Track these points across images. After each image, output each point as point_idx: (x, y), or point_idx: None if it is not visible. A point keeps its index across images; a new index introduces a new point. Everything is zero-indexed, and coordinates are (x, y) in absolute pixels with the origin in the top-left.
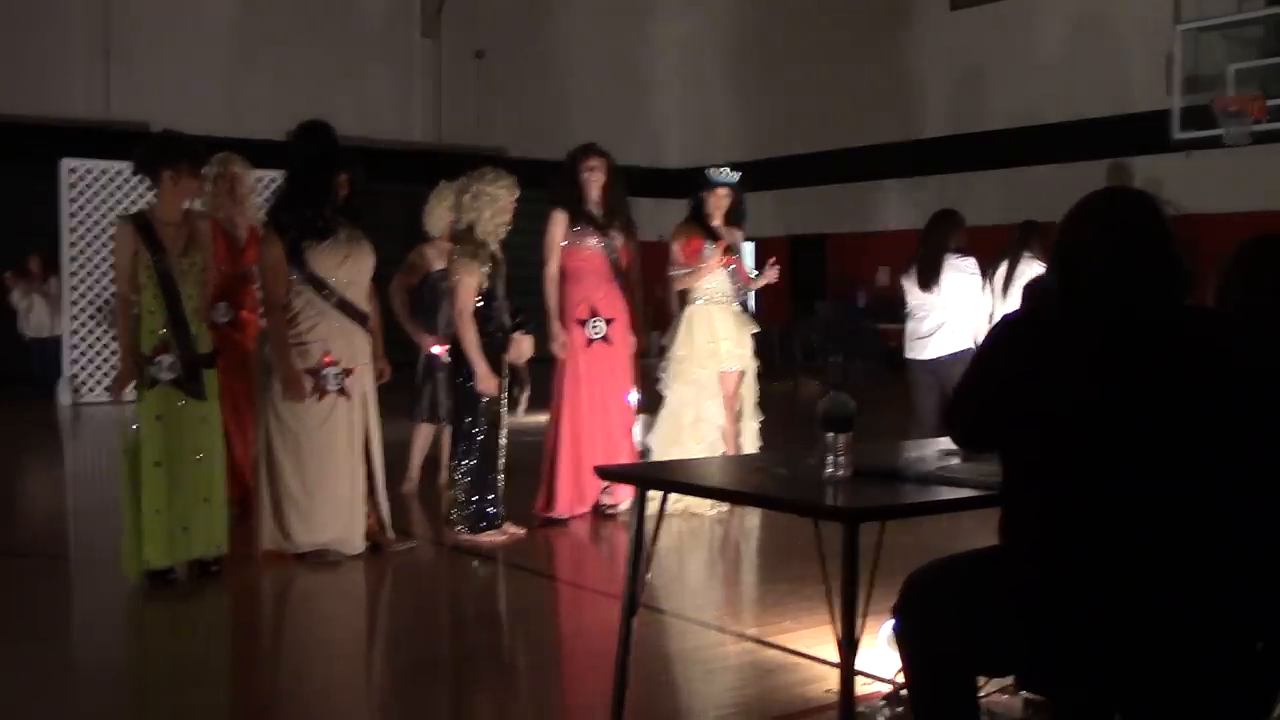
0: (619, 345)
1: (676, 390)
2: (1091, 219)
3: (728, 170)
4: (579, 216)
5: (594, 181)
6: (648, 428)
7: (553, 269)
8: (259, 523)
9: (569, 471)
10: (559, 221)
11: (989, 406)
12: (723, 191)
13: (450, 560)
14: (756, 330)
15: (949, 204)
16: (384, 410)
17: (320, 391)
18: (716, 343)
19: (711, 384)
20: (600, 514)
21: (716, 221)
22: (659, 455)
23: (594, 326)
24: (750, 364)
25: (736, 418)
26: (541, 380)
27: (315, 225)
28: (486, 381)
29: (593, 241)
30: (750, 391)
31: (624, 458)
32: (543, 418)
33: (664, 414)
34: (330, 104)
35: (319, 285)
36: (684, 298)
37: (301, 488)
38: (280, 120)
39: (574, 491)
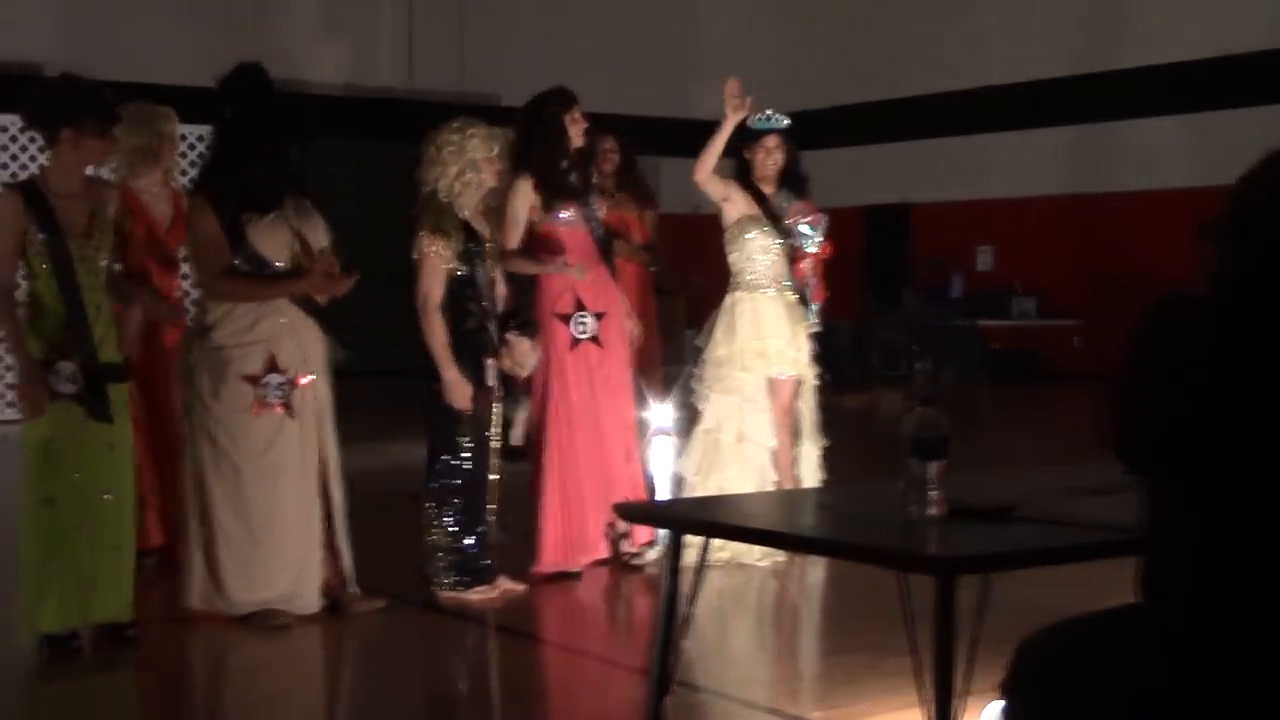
0: (613, 347)
1: (714, 402)
2: (1273, 180)
3: (774, 114)
4: (553, 184)
5: (576, 138)
6: (680, 452)
7: (512, 243)
8: (186, 576)
9: (555, 513)
10: (523, 191)
11: (1148, 410)
12: (772, 142)
13: (429, 624)
14: (816, 328)
15: (1078, 163)
16: (382, 429)
17: (260, 405)
18: (764, 340)
19: (758, 394)
20: (622, 564)
21: (769, 189)
22: (693, 487)
23: (579, 323)
24: (808, 371)
25: (793, 440)
26: None
27: (259, 195)
28: (456, 391)
29: (570, 215)
30: (809, 408)
31: (627, 492)
32: None
33: (698, 433)
34: (269, 41)
35: (263, 270)
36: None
37: (242, 530)
38: (204, 62)
39: (560, 539)
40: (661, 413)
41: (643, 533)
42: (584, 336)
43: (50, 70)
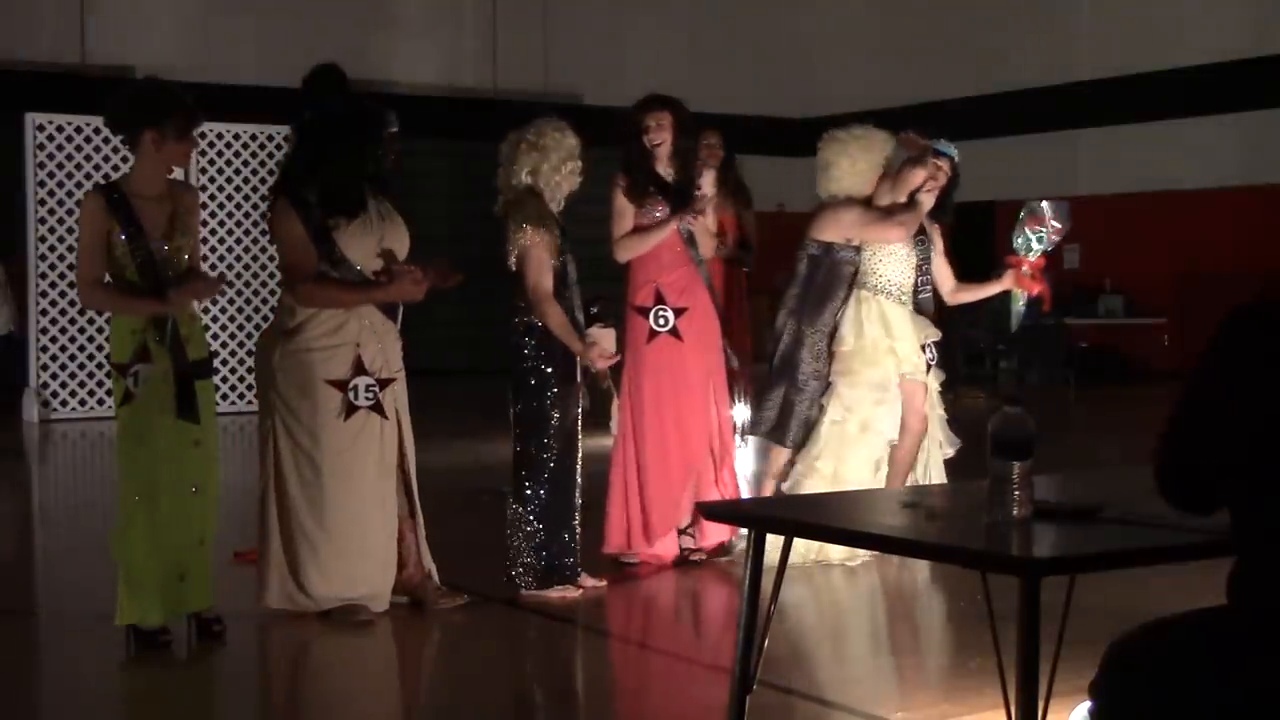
0: (693, 342)
1: (842, 393)
2: None
3: (946, 141)
4: (643, 183)
5: (660, 141)
6: (763, 453)
7: (621, 231)
8: (265, 576)
9: (620, 500)
10: (619, 186)
11: (1218, 432)
12: (944, 165)
13: (510, 622)
14: (935, 337)
15: (1167, 159)
16: (464, 426)
17: (348, 408)
18: (893, 340)
19: (885, 387)
20: (683, 559)
21: (927, 207)
22: (819, 475)
23: (659, 317)
24: (931, 379)
25: (919, 442)
26: None
27: (342, 199)
28: (594, 351)
29: (660, 213)
30: (936, 414)
31: (700, 485)
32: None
33: (825, 422)
34: (356, 42)
35: (350, 274)
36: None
37: (322, 529)
38: (293, 64)
39: (622, 525)
40: (742, 411)
41: (716, 532)
42: (662, 330)
43: (140, 74)
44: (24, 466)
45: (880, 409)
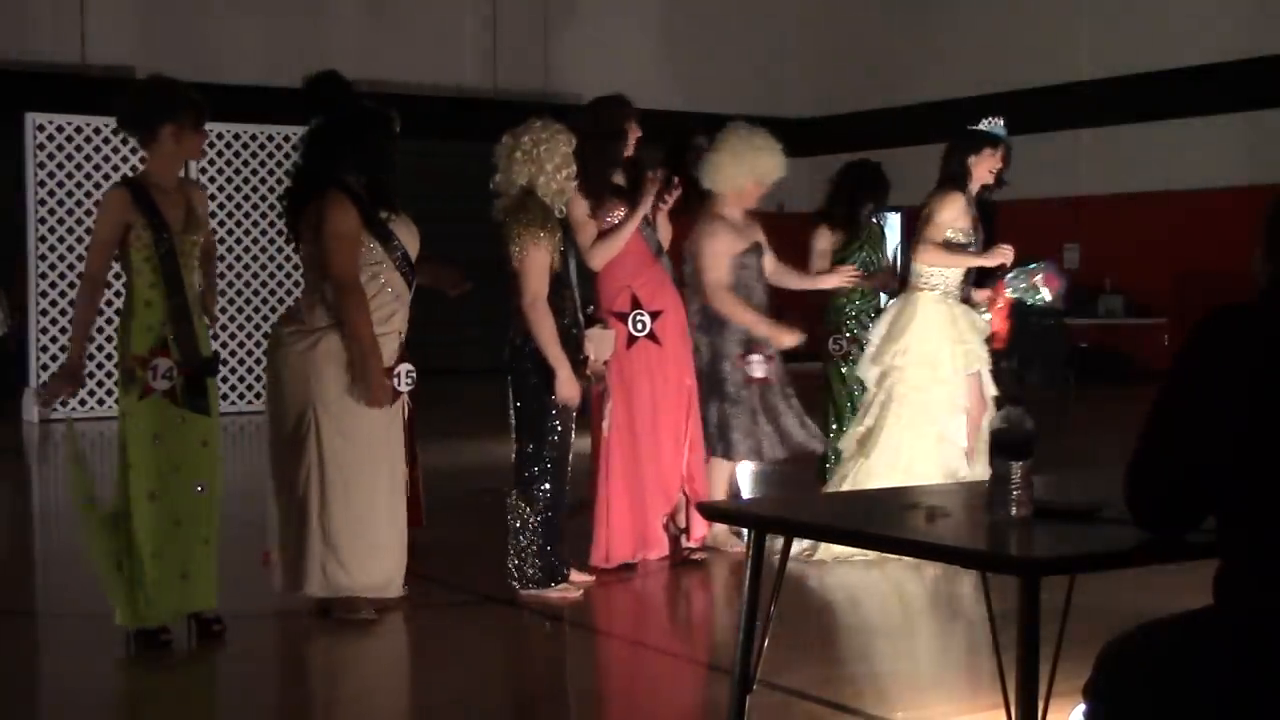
0: (671, 345)
1: (912, 402)
2: None
3: (999, 121)
4: (600, 189)
5: (631, 148)
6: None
7: (587, 239)
8: (307, 565)
9: (624, 509)
10: (580, 195)
11: (1197, 436)
12: (1001, 152)
13: (512, 621)
14: (989, 332)
15: (1168, 158)
16: (457, 427)
17: (392, 394)
18: (965, 343)
19: (957, 393)
20: (683, 560)
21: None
22: (879, 480)
23: (636, 321)
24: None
25: (978, 426)
26: None
27: (390, 193)
28: (569, 387)
29: (620, 214)
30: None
31: (682, 489)
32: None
33: (885, 439)
34: (354, 43)
35: (405, 264)
36: (904, 284)
37: (355, 518)
38: (290, 63)
39: (629, 533)
40: None
41: (698, 529)
42: (641, 334)
43: (140, 74)
44: (24, 466)
45: (955, 420)
